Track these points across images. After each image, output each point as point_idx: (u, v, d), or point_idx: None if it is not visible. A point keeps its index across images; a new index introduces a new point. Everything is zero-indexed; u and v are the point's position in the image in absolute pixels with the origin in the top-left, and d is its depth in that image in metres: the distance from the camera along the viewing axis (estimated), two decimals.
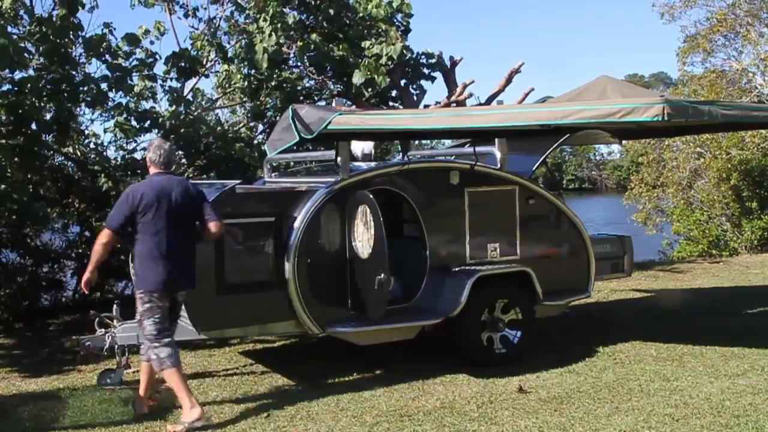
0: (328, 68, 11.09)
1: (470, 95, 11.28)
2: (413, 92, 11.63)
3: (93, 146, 10.58)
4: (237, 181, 6.53)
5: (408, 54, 11.02)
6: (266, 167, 8.27)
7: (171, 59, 10.01)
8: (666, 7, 21.47)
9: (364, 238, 6.23)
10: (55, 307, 9.92)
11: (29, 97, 8.58)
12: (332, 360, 7.05)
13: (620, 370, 6.50)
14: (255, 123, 11.54)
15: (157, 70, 10.26)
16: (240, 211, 6.20)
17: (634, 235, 9.17)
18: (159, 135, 9.64)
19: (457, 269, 6.85)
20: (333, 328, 6.34)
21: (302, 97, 10.86)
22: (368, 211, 6.16)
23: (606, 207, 37.63)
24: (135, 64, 9.95)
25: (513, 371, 6.45)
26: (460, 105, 10.99)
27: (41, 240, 10.10)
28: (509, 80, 11.52)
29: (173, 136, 9.63)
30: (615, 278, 8.90)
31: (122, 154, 10.15)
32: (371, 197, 6.21)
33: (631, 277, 9.77)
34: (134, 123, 9.72)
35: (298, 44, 10.77)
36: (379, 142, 11.15)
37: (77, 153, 10.26)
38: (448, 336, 6.81)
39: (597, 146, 61.66)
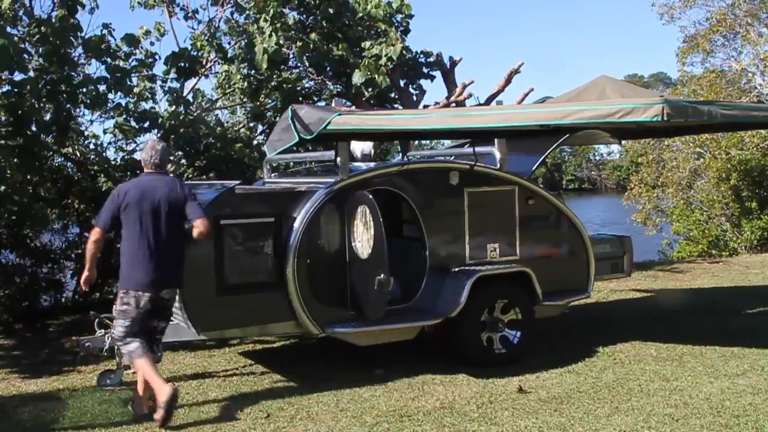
0: (328, 68, 11.09)
1: (470, 95, 11.29)
2: (413, 92, 11.63)
3: (93, 147, 10.57)
4: (236, 182, 6.53)
5: (407, 54, 11.02)
6: (266, 168, 8.28)
7: (170, 59, 10.02)
8: (665, 8, 21.50)
9: (364, 239, 6.23)
10: (55, 308, 9.90)
11: (29, 98, 8.58)
12: (332, 360, 7.05)
13: (620, 370, 6.50)
14: (255, 123, 11.53)
15: (157, 71, 10.30)
16: (240, 212, 6.20)
17: (634, 236, 9.18)
18: (158, 135, 9.64)
19: (457, 269, 6.85)
20: (332, 329, 6.33)
21: (302, 98, 10.86)
22: (368, 212, 6.16)
23: (606, 207, 37.62)
24: (134, 65, 9.96)
25: (513, 371, 6.45)
26: (460, 105, 11.00)
27: (41, 241, 10.09)
28: (509, 80, 11.53)
29: (173, 137, 9.64)
30: (615, 278, 8.90)
31: (122, 155, 10.14)
32: (371, 197, 6.21)
33: (631, 278, 9.77)
34: (133, 123, 9.72)
35: (298, 44, 10.78)
36: (379, 143, 11.15)
37: (77, 154, 10.25)
38: (448, 336, 6.81)
39: (596, 146, 61.79)
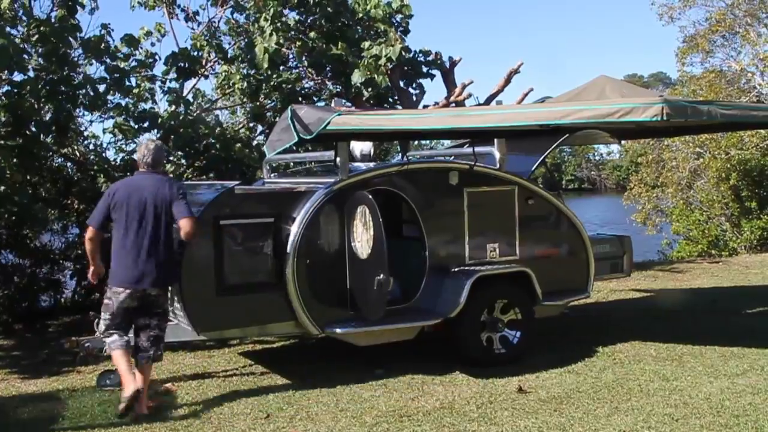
0: (327, 69, 11.09)
1: (469, 96, 11.29)
2: (413, 92, 11.63)
3: (92, 147, 10.57)
4: (236, 182, 6.53)
5: (407, 54, 11.01)
6: (265, 168, 8.28)
7: (170, 59, 10.02)
8: (665, 8, 21.50)
9: (364, 239, 6.23)
10: (55, 309, 9.91)
11: (28, 99, 8.58)
12: (332, 360, 7.05)
13: (620, 370, 6.50)
14: (254, 124, 11.53)
15: (157, 71, 10.31)
16: (239, 212, 6.19)
17: (634, 235, 9.19)
18: (158, 136, 9.64)
19: (457, 269, 6.85)
20: (332, 329, 6.33)
21: (301, 98, 10.86)
22: (367, 212, 6.16)
23: (605, 207, 37.61)
24: (134, 65, 9.96)
25: (512, 371, 6.45)
26: (459, 105, 11.00)
27: (40, 241, 10.09)
28: (508, 80, 11.53)
29: (172, 137, 9.64)
30: (614, 278, 8.90)
31: (121, 156, 10.13)
32: (370, 198, 6.20)
33: (631, 277, 9.77)
34: (133, 124, 9.72)
35: (297, 44, 10.77)
36: (379, 143, 11.15)
37: (76, 154, 10.25)
38: (448, 336, 6.80)
39: (596, 146, 61.81)
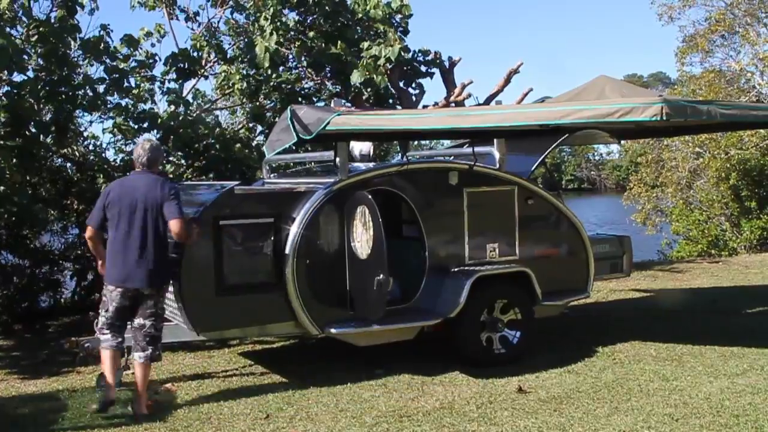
0: (327, 69, 11.09)
1: (469, 96, 11.30)
2: (412, 92, 11.63)
3: (92, 148, 10.57)
4: (236, 182, 6.53)
5: (406, 54, 11.01)
6: (265, 168, 8.28)
7: (170, 60, 10.02)
8: (664, 8, 21.49)
9: (363, 239, 6.22)
10: (54, 309, 9.90)
11: (28, 99, 8.57)
12: (331, 361, 7.05)
13: (619, 370, 6.50)
14: (254, 124, 11.53)
15: (157, 72, 10.30)
16: (239, 212, 6.19)
17: (633, 235, 9.20)
18: (158, 136, 9.64)
19: (456, 270, 6.85)
20: (332, 329, 6.33)
21: (301, 98, 10.86)
22: (367, 212, 6.15)
23: (605, 207, 37.64)
24: (133, 66, 9.95)
25: (512, 371, 6.45)
26: (459, 105, 11.00)
27: (40, 241, 10.08)
28: (508, 80, 11.54)
29: (172, 137, 9.63)
30: (614, 278, 8.90)
31: (121, 156, 10.13)
32: (370, 198, 6.20)
33: (630, 277, 9.77)
34: (132, 124, 9.71)
35: (296, 45, 10.77)
36: (379, 143, 11.15)
37: (76, 154, 10.25)
38: (448, 336, 6.80)
39: (596, 146, 61.83)
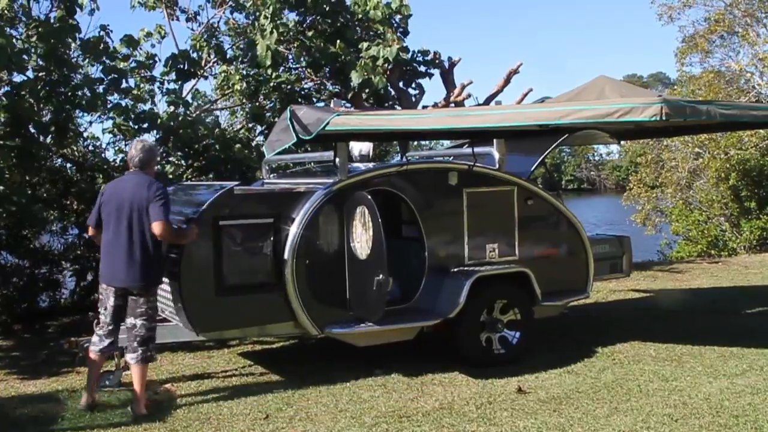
0: (326, 69, 11.09)
1: (468, 96, 11.31)
2: (412, 92, 11.63)
3: (91, 148, 10.56)
4: (235, 183, 6.53)
5: (405, 55, 11.00)
6: (265, 168, 8.28)
7: (170, 61, 10.01)
8: (664, 8, 21.51)
9: (363, 239, 6.22)
10: (54, 309, 9.90)
11: (27, 99, 8.57)
12: (331, 361, 7.05)
13: (619, 371, 6.50)
14: (254, 124, 11.53)
15: (157, 72, 10.30)
16: (238, 213, 6.19)
17: (633, 236, 9.19)
18: (157, 136, 9.64)
19: (456, 270, 6.85)
20: (332, 329, 6.33)
21: (300, 99, 10.86)
22: (367, 212, 6.15)
23: (605, 207, 37.66)
24: (133, 66, 9.95)
25: (512, 372, 6.45)
26: (459, 106, 11.00)
27: (40, 242, 10.08)
28: (508, 81, 11.55)
29: (172, 138, 9.63)
30: (614, 278, 8.90)
31: (121, 156, 10.13)
32: (370, 198, 6.20)
33: (630, 278, 9.78)
34: (132, 125, 9.71)
35: (296, 45, 10.77)
36: (379, 143, 11.15)
37: (76, 155, 10.25)
38: (447, 337, 6.81)
39: (596, 147, 61.87)
